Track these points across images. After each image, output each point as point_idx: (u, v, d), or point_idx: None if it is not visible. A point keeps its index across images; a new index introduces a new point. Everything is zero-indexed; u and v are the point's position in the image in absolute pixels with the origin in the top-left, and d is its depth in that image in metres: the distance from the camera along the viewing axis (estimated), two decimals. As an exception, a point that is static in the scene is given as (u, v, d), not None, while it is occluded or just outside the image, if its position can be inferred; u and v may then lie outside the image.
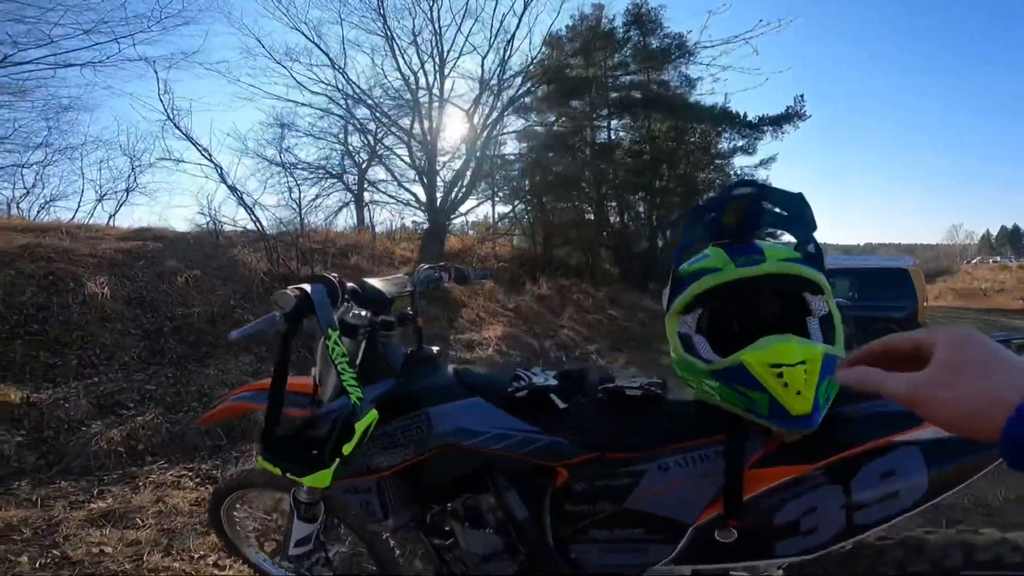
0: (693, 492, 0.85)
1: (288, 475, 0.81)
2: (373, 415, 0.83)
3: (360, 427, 0.79)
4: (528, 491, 0.99)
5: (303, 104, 9.77)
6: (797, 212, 0.86)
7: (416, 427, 1.02)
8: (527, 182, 11.72)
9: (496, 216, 12.96)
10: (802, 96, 12.07)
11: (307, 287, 0.87)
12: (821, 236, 0.87)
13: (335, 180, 11.22)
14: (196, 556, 1.98)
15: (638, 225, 14.44)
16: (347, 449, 0.79)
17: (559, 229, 12.58)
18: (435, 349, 1.17)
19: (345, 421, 0.79)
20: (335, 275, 0.94)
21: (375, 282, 1.12)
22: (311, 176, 10.63)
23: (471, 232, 12.78)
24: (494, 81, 9.50)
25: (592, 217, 13.30)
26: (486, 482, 1.01)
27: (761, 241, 0.88)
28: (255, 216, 6.26)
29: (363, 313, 1.12)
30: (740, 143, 13.23)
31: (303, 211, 8.14)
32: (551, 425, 0.96)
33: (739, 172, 14.61)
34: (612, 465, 0.90)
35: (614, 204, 13.66)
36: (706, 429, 0.87)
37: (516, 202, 12.10)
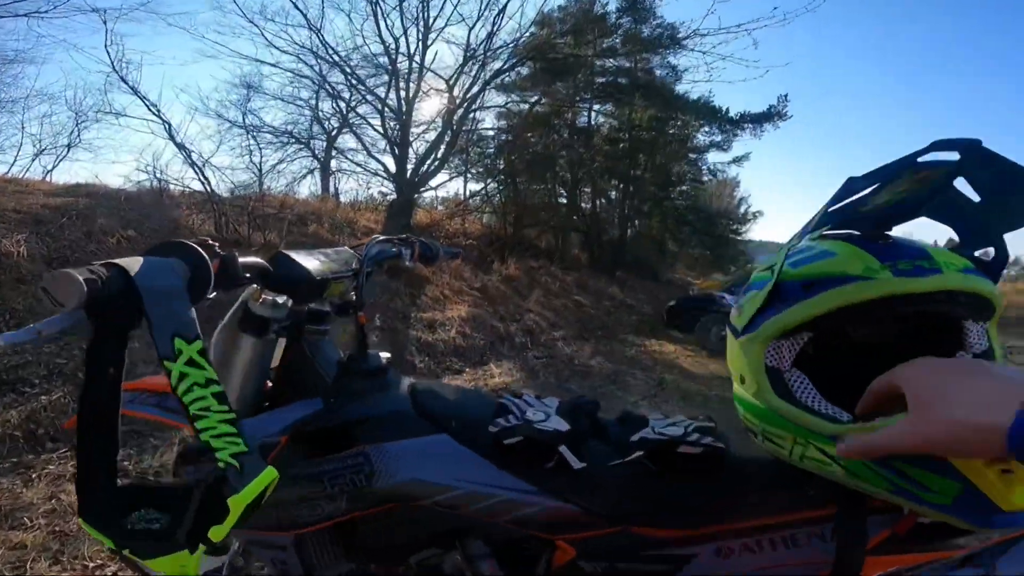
0: None
1: (125, 553, 0.53)
2: (268, 477, 0.52)
3: (239, 503, 0.49)
4: (514, 561, 0.73)
5: (273, 65, 9.24)
6: (1013, 200, 0.58)
7: (351, 472, 0.72)
8: (502, 160, 11.38)
9: (467, 192, 12.62)
10: (786, 96, 11.96)
11: (130, 263, 0.52)
12: (779, 235, 0.66)
13: (301, 146, 10.71)
14: (91, 565, 1.69)
15: (610, 212, 14.32)
16: (217, 534, 0.49)
17: (531, 210, 12.31)
18: (385, 356, 0.85)
19: (211, 490, 0.50)
20: (214, 243, 0.62)
21: (301, 256, 0.79)
22: (275, 141, 10.14)
23: (440, 207, 12.39)
24: (480, 52, 9.08)
25: (565, 201, 13.08)
26: (454, 542, 0.74)
27: (905, 238, 0.61)
28: (204, 176, 5.79)
29: (279, 300, 0.82)
30: (717, 138, 13.18)
31: (263, 176, 7.69)
32: (554, 483, 0.69)
33: (711, 167, 14.69)
34: (643, 544, 0.66)
35: (588, 189, 13.44)
36: (792, 502, 0.63)
37: (489, 180, 11.75)
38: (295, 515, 0.74)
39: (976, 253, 0.61)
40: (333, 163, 11.67)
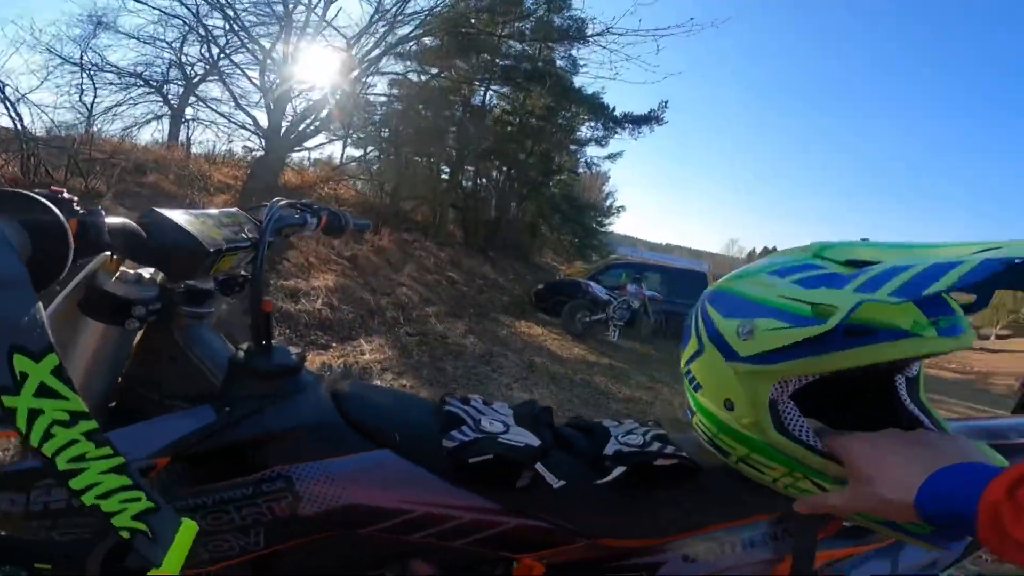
0: None
1: None
2: (188, 534, 0.40)
3: None
4: None
5: (140, 0, 7.90)
6: None
7: (267, 499, 0.58)
8: (388, 129, 10.84)
9: (345, 158, 11.87)
10: (666, 103, 12.68)
11: None
12: (637, 231, 0.66)
13: (150, 90, 9.37)
14: None
15: (489, 193, 14.41)
16: None
17: (410, 182, 11.95)
18: (294, 351, 0.70)
19: (112, 560, 0.39)
20: (71, 197, 0.44)
21: (181, 217, 0.61)
22: (119, 82, 8.76)
23: (312, 169, 11.50)
24: (391, 13, 8.44)
25: (447, 177, 12.89)
26: (397, 565, 0.64)
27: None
28: (16, 112, 4.74)
29: (146, 274, 0.65)
30: (600, 134, 13.81)
31: (94, 117, 6.56)
32: (525, 501, 0.62)
33: (589, 160, 15.59)
34: (612, 556, 0.64)
35: (471, 168, 13.37)
36: (749, 505, 0.66)
37: (370, 147, 11.15)
38: (193, 552, 0.59)
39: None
40: (188, 111, 10.37)
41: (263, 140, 8.57)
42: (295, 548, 0.61)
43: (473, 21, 9.77)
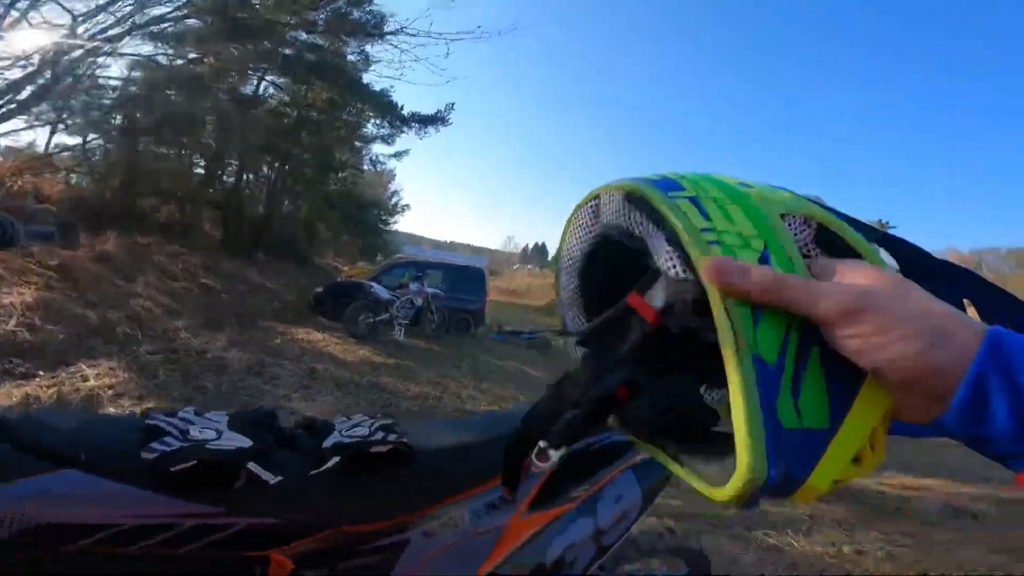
0: (464, 555, 0.74)
1: None
2: None
3: None
4: None
5: None
6: None
7: None
8: (122, 116, 8.88)
9: (52, 146, 9.39)
10: (452, 104, 12.87)
11: None
12: (424, 229, 0.76)
13: None
14: None
15: (257, 189, 12.96)
16: None
17: (150, 176, 10.02)
18: None
19: None
20: None
21: None
22: None
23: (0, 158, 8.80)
24: None
25: (203, 171, 11.15)
26: None
27: None
28: None
29: None
30: (386, 132, 13.53)
31: None
32: (246, 501, 0.63)
33: (374, 158, 15.27)
34: (358, 541, 0.69)
35: (235, 161, 11.83)
36: (463, 481, 0.76)
37: (94, 135, 8.99)
38: None
39: None
40: None
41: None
42: None
43: (258, 6, 8.65)
